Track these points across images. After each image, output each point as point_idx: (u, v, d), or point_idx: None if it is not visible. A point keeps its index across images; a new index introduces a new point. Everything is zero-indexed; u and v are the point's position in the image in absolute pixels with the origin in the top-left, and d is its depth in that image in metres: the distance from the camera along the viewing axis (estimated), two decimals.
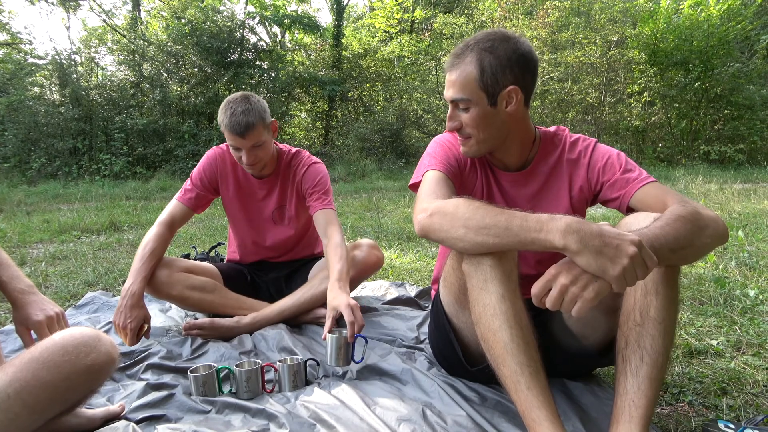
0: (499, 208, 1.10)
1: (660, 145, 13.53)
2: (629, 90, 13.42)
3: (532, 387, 1.06)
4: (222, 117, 1.94)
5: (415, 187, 1.45)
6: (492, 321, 1.11)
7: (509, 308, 1.10)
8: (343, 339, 1.54)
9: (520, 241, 1.04)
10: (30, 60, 12.37)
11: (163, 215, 2.06)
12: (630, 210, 1.34)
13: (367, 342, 1.63)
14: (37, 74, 12.00)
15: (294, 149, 2.21)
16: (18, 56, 12.43)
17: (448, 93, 1.37)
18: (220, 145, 2.17)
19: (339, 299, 1.66)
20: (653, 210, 1.23)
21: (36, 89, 11.78)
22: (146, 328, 1.85)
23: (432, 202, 1.23)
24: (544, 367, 1.10)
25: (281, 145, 2.20)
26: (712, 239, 1.13)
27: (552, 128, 1.52)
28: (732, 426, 1.27)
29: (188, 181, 2.14)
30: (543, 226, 1.01)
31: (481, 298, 1.13)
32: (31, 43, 12.87)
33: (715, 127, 12.99)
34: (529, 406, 1.06)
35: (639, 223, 1.13)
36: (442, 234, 1.16)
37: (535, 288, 1.01)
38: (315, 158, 2.21)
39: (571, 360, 1.47)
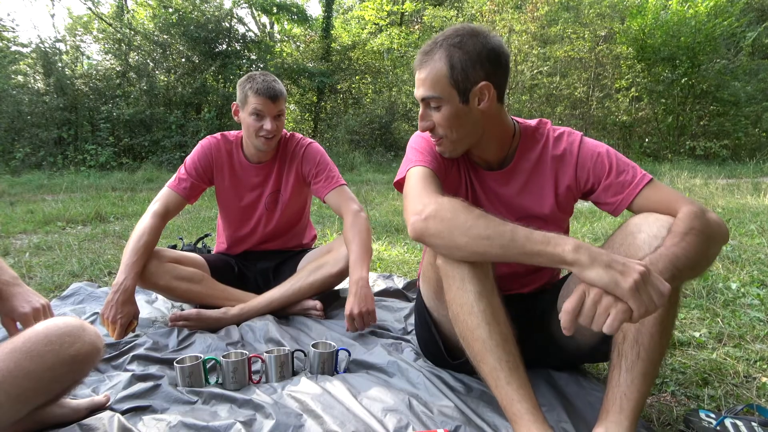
0: (500, 219, 1.08)
1: (647, 140, 13.68)
2: (617, 85, 13.53)
3: (512, 381, 1.08)
4: (248, 84, 1.98)
5: (399, 184, 1.38)
6: (470, 319, 1.11)
7: (486, 306, 1.11)
8: (327, 354, 1.55)
9: (525, 252, 1.03)
10: (13, 48, 12.07)
11: (157, 205, 2.01)
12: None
13: (350, 355, 1.64)
14: (21, 62, 11.77)
15: (288, 132, 2.22)
16: (0, 44, 12.18)
17: (419, 92, 1.30)
18: (215, 135, 2.16)
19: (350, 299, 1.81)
20: (660, 213, 1.20)
21: (19, 78, 11.55)
22: (135, 324, 1.84)
23: (424, 203, 1.17)
24: (523, 361, 1.11)
25: None
26: (720, 246, 1.14)
27: (534, 121, 1.46)
28: (713, 415, 1.30)
29: (182, 170, 2.10)
30: (551, 240, 1.01)
31: (459, 297, 1.13)
32: (14, 31, 12.67)
33: (701, 123, 13.14)
34: (510, 400, 1.07)
35: (649, 227, 1.13)
36: (438, 240, 1.12)
37: (569, 304, 0.97)
38: (308, 138, 2.23)
39: (567, 356, 1.47)
